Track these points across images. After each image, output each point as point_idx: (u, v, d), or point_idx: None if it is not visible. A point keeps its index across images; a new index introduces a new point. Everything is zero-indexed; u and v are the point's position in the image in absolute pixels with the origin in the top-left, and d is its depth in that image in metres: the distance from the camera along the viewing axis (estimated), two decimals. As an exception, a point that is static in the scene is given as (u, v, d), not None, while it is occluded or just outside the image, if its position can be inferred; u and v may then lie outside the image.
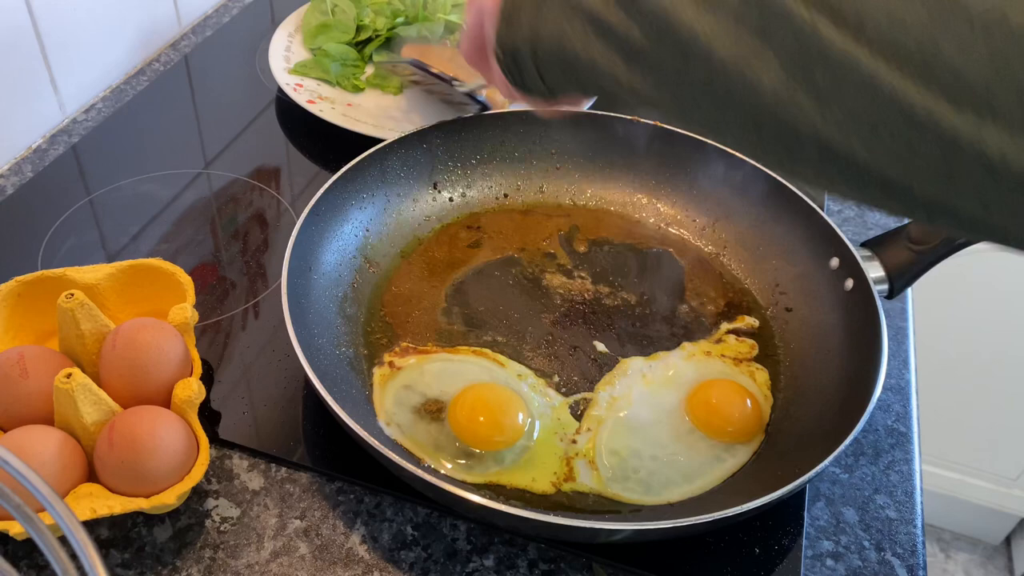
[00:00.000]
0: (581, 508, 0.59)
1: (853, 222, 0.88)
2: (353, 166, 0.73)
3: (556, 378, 0.67)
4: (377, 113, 0.94)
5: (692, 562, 0.58)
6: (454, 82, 0.84)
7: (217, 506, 0.59)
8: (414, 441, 0.61)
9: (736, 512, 0.51)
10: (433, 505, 0.60)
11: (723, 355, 0.70)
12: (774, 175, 0.76)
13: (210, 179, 0.87)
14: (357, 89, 0.97)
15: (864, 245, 0.69)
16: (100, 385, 0.57)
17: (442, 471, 0.60)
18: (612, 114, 0.82)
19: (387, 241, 0.76)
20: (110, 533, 0.58)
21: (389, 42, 1.02)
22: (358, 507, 0.60)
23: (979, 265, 1.43)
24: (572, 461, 0.62)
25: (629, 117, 0.82)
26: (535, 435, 0.63)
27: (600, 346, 0.70)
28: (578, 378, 0.67)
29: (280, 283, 0.62)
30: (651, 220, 0.82)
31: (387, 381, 0.65)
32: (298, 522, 0.59)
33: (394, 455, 0.52)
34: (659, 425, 0.64)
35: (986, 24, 0.34)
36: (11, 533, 0.52)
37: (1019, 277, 1.45)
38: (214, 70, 1.04)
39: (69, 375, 0.54)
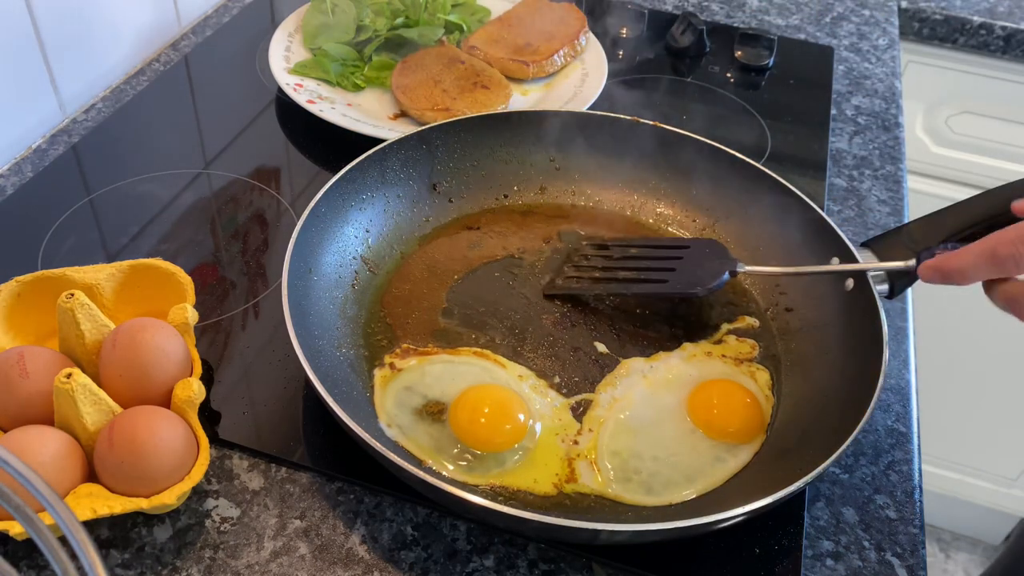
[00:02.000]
0: (583, 509, 0.59)
1: (853, 222, 0.88)
2: (353, 167, 0.73)
3: (557, 379, 0.67)
4: (377, 113, 0.94)
5: (692, 562, 0.58)
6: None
7: (217, 506, 0.59)
8: (415, 443, 0.61)
9: (736, 514, 0.51)
10: (433, 505, 0.60)
11: (724, 355, 0.70)
12: (774, 175, 0.76)
13: (210, 179, 0.87)
14: (357, 89, 0.98)
15: (864, 245, 0.69)
16: (100, 385, 0.57)
17: (444, 473, 0.60)
18: (611, 114, 0.82)
19: (387, 242, 0.76)
20: (110, 533, 0.58)
21: (389, 42, 1.02)
22: (358, 507, 0.60)
23: (979, 265, 1.43)
24: (574, 462, 0.62)
25: (629, 117, 0.82)
26: (536, 436, 0.63)
27: (601, 347, 0.70)
28: (579, 379, 0.67)
29: (280, 283, 0.62)
30: (651, 220, 0.82)
31: (388, 383, 0.65)
32: (298, 522, 0.59)
33: (397, 458, 0.52)
34: (660, 426, 0.64)
35: None
36: (11, 533, 0.52)
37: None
38: (214, 70, 1.04)
39: (69, 375, 0.54)
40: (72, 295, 0.59)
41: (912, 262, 0.63)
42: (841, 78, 1.11)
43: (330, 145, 0.91)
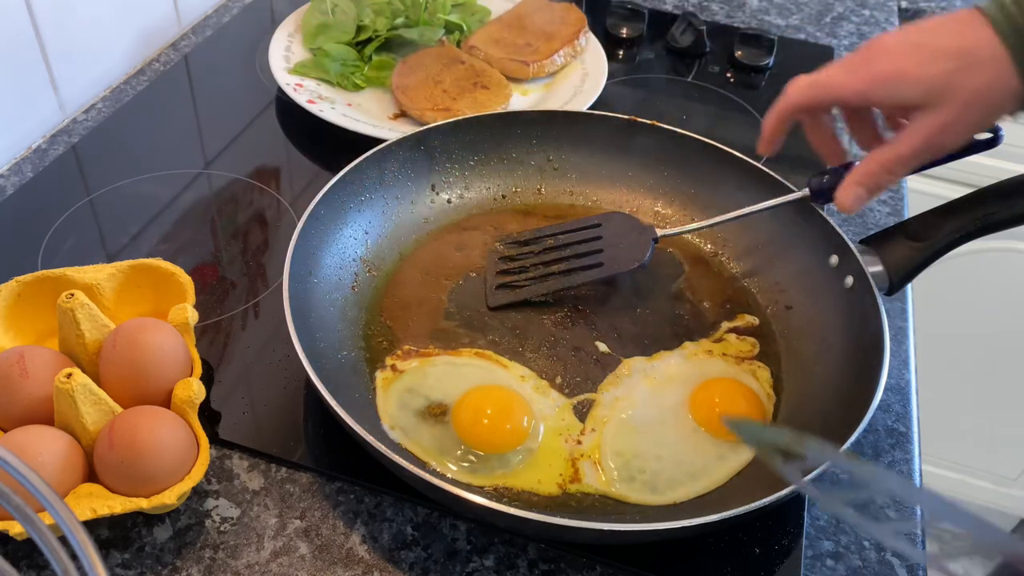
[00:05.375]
0: (587, 509, 0.59)
1: (853, 222, 0.88)
2: (351, 169, 0.73)
3: (559, 379, 0.67)
4: (377, 113, 0.94)
5: (692, 562, 0.58)
6: None
7: (217, 506, 0.59)
8: (419, 445, 0.61)
9: (737, 514, 0.51)
10: (433, 505, 0.60)
11: (724, 354, 0.70)
12: (772, 173, 0.76)
13: (210, 179, 0.87)
14: (357, 89, 0.98)
15: (863, 242, 0.69)
16: (100, 385, 0.57)
17: (448, 474, 0.60)
18: (610, 114, 0.82)
19: (386, 244, 0.76)
20: (110, 533, 0.58)
21: (389, 42, 1.02)
22: (358, 507, 0.60)
23: (979, 265, 1.43)
24: (577, 462, 0.62)
25: (627, 117, 0.82)
26: (539, 437, 0.63)
27: (602, 346, 0.70)
28: (581, 379, 0.67)
29: (280, 283, 0.62)
30: (649, 220, 0.81)
31: (390, 384, 0.65)
32: (298, 522, 0.59)
33: (404, 461, 0.52)
34: (663, 425, 0.64)
35: None
36: (11, 533, 0.52)
37: (1019, 277, 1.45)
38: (214, 70, 1.04)
39: (69, 375, 0.54)
40: (72, 295, 0.59)
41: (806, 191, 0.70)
42: (841, 78, 1.11)
43: (330, 145, 0.91)
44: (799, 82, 0.64)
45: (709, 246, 0.80)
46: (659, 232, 0.73)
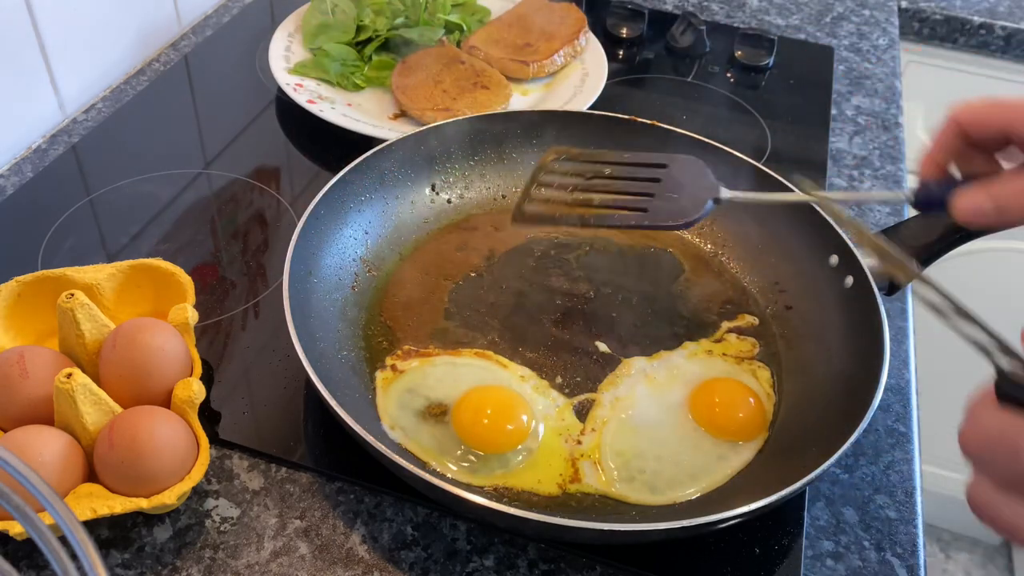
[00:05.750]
0: (587, 509, 0.59)
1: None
2: (351, 169, 0.73)
3: (559, 379, 0.67)
4: (377, 113, 0.94)
5: (692, 562, 0.58)
6: None
7: (217, 506, 0.59)
8: (419, 445, 0.61)
9: (737, 514, 0.51)
10: (433, 505, 0.60)
11: (725, 354, 0.70)
12: (773, 173, 0.76)
13: (210, 179, 0.87)
14: (357, 89, 0.98)
15: (864, 244, 0.69)
16: (100, 385, 0.57)
17: (448, 474, 0.60)
18: (608, 113, 0.82)
19: (386, 244, 0.76)
20: (110, 533, 0.58)
21: (389, 42, 1.03)
22: (358, 507, 0.60)
23: (979, 265, 1.43)
24: (577, 462, 0.62)
25: (626, 117, 0.82)
26: (539, 437, 0.63)
27: (602, 346, 0.70)
28: (581, 379, 0.67)
29: (280, 283, 0.62)
30: (651, 220, 0.81)
31: (390, 384, 0.65)
32: (298, 522, 0.59)
33: (403, 461, 0.52)
34: (663, 425, 0.64)
35: None
36: (11, 533, 0.52)
37: (1019, 277, 1.45)
38: (214, 70, 1.04)
39: (69, 375, 0.54)
40: (72, 295, 0.59)
41: (903, 194, 0.57)
42: (841, 78, 1.11)
43: (330, 145, 0.91)
44: (971, 101, 0.51)
45: (709, 246, 0.80)
46: (724, 194, 0.64)
